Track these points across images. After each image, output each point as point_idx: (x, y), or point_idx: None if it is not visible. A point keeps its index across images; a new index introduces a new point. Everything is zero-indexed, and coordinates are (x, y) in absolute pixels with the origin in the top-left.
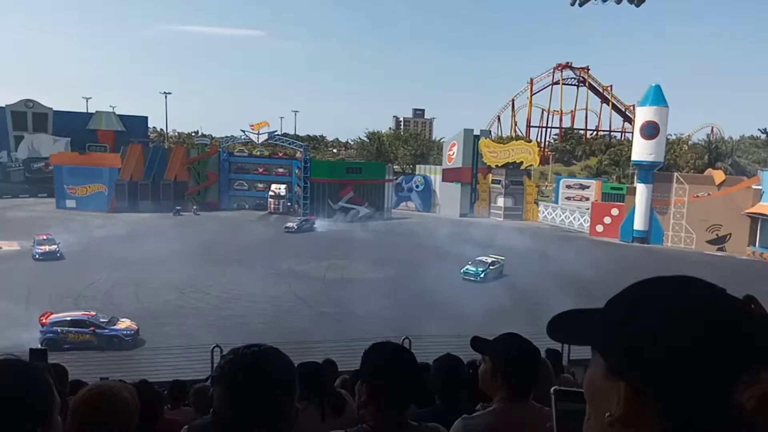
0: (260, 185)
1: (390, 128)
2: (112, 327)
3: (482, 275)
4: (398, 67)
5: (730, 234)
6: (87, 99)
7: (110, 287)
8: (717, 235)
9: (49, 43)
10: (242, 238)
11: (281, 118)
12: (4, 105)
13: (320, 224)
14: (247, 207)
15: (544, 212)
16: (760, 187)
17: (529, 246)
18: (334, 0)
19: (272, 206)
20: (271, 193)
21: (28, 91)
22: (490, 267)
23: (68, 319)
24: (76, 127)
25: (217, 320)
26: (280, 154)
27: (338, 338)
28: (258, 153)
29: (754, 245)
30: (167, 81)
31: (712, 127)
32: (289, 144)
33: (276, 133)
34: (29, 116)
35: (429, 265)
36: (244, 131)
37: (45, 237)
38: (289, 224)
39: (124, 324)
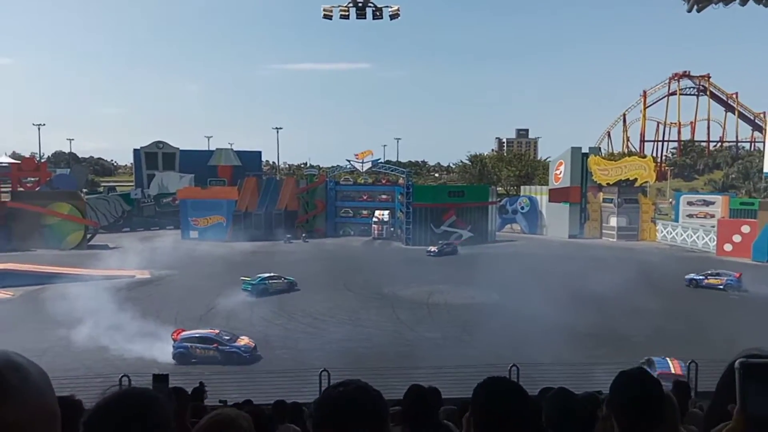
0: (365, 212)
1: (493, 150)
2: (233, 344)
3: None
4: (500, 88)
5: None
6: (209, 138)
7: (229, 311)
8: None
9: (176, 88)
10: (347, 263)
11: (384, 146)
12: (139, 147)
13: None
14: (352, 233)
15: (662, 231)
16: None
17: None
18: (432, 27)
19: (376, 232)
20: (375, 219)
21: (159, 133)
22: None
23: (196, 335)
24: (199, 164)
25: (324, 344)
26: (384, 181)
27: (442, 364)
28: (362, 181)
29: None
30: (279, 116)
31: None
32: (392, 171)
33: (379, 161)
34: (159, 156)
35: (533, 289)
36: (349, 161)
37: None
38: (431, 248)
39: (243, 341)
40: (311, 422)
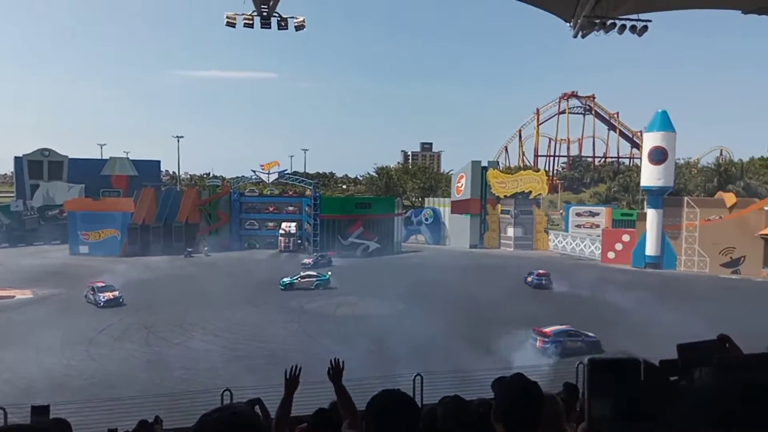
0: (271, 224)
1: (398, 163)
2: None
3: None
4: (405, 103)
5: (744, 257)
6: (101, 145)
7: (122, 332)
8: (731, 258)
9: (66, 91)
10: (247, 278)
11: (291, 156)
12: (21, 155)
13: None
14: (258, 246)
15: (554, 241)
16: None
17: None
18: (340, 41)
19: (283, 244)
20: (281, 231)
21: (45, 140)
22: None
23: (563, 330)
24: (90, 174)
25: (226, 363)
26: (290, 193)
27: (350, 377)
28: (268, 192)
29: None
30: (180, 124)
31: (721, 150)
32: (299, 182)
33: (286, 172)
34: (45, 165)
35: (438, 299)
36: (254, 171)
37: (103, 284)
38: (306, 260)
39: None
40: None
